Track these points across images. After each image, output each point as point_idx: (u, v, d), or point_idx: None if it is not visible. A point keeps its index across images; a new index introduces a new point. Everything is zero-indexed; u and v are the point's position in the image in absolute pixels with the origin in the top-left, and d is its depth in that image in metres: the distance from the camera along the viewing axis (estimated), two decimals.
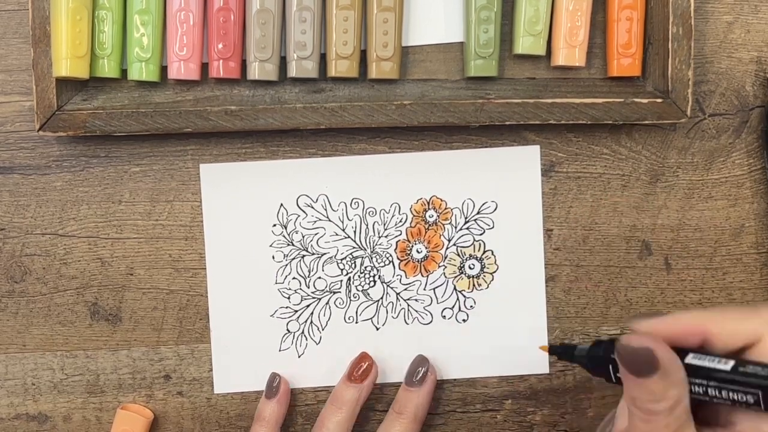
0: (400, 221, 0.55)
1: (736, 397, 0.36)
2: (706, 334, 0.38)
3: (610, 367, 0.41)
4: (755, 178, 0.56)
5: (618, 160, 0.55)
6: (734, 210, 0.56)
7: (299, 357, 0.55)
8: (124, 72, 0.52)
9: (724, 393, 0.36)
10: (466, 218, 0.55)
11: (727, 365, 0.36)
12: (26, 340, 0.55)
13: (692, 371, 0.37)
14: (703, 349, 0.38)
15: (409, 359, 0.55)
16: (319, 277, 0.55)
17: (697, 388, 0.37)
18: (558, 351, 0.45)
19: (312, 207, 0.55)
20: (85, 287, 0.55)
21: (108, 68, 0.51)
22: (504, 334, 0.56)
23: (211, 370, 0.55)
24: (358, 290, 0.55)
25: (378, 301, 0.56)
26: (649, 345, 0.36)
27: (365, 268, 0.55)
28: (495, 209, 0.55)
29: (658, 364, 0.36)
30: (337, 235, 0.55)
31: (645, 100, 0.52)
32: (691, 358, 0.37)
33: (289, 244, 0.55)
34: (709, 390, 0.37)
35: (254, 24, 0.51)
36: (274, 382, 0.54)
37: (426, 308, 0.56)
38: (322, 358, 0.56)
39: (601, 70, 0.55)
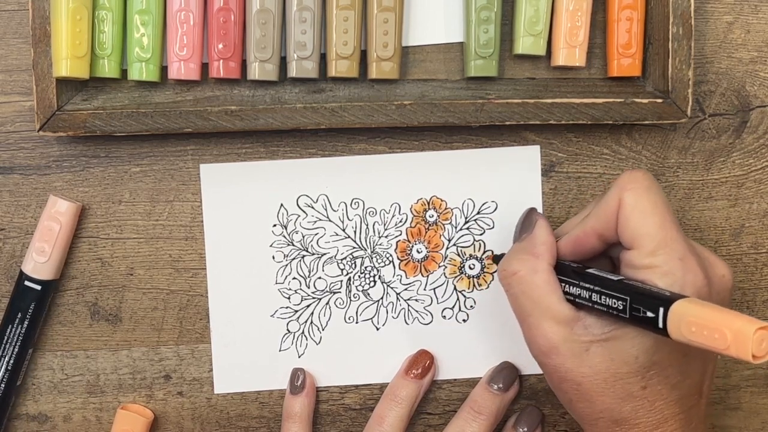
0: (400, 221, 0.55)
1: (610, 303, 0.42)
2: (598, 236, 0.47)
3: None
4: (755, 178, 0.56)
5: (618, 160, 0.55)
6: (734, 210, 0.56)
7: (299, 357, 0.55)
8: (124, 72, 0.52)
9: (603, 298, 0.43)
10: (466, 218, 0.55)
11: (615, 278, 0.43)
12: None
13: (589, 279, 0.44)
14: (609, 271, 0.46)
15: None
16: (320, 278, 0.55)
17: (586, 293, 0.44)
18: (499, 259, 0.51)
19: (312, 207, 0.55)
20: (85, 287, 0.55)
21: (108, 68, 0.51)
22: (504, 334, 0.56)
23: (211, 370, 0.55)
24: (358, 290, 0.55)
25: (378, 301, 0.55)
26: (535, 215, 0.50)
27: (365, 268, 0.55)
28: (495, 209, 0.55)
29: (535, 223, 0.49)
30: (337, 235, 0.55)
31: (645, 100, 0.52)
32: (592, 270, 0.45)
33: (289, 244, 0.55)
34: (593, 296, 0.43)
35: (254, 24, 0.51)
36: (298, 378, 0.54)
37: (426, 308, 0.56)
38: (323, 358, 0.56)
39: (601, 70, 0.55)
